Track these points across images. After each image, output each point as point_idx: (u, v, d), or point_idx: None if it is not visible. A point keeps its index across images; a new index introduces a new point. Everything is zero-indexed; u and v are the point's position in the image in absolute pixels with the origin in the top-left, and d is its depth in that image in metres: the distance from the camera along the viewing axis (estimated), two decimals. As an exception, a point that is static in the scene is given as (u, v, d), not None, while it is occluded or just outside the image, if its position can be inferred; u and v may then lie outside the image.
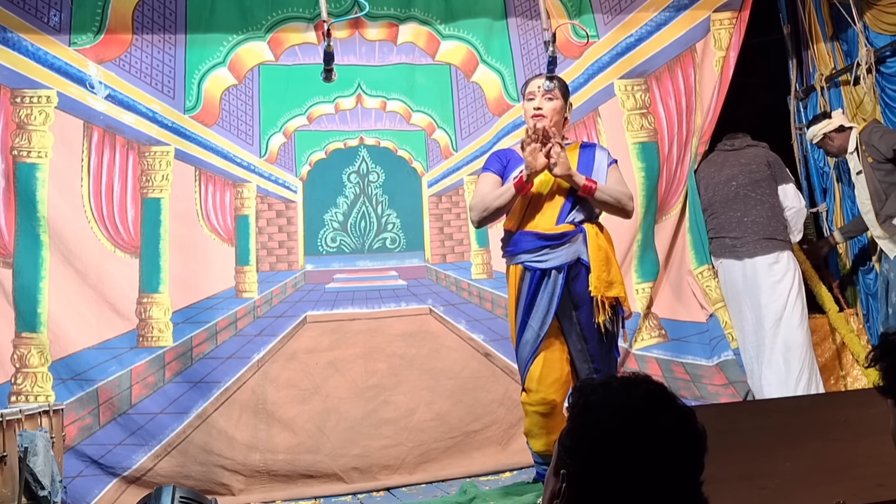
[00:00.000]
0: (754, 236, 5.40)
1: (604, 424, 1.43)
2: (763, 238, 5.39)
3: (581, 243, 3.84)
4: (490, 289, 5.59)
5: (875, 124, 5.52)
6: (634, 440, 1.40)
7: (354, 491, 5.01)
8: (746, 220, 5.44)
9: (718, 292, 5.60)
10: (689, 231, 5.75)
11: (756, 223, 5.42)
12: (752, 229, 5.42)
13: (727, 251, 5.50)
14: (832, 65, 6.15)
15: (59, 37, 5.13)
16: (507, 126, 5.65)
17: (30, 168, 4.99)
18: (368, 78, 5.64)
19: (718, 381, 5.50)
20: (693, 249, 5.73)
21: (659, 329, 5.69)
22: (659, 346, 5.67)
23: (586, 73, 5.83)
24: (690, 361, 5.61)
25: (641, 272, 5.70)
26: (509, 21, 5.82)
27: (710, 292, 5.66)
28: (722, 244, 5.53)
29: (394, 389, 5.26)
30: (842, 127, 5.61)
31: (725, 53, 5.77)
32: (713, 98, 5.76)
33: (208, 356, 5.14)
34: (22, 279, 4.89)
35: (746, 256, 5.40)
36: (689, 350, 5.64)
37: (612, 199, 3.94)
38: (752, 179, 5.49)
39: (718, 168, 5.63)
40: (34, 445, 3.90)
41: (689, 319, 5.69)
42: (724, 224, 5.52)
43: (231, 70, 5.47)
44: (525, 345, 3.86)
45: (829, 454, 2.51)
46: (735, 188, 5.51)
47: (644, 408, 1.43)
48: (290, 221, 5.46)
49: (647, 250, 5.71)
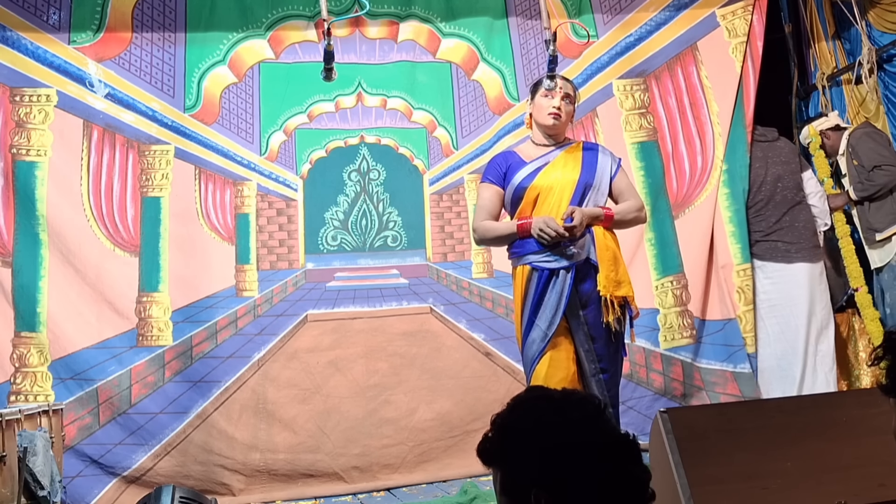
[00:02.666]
0: (807, 243, 5.33)
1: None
2: (813, 246, 5.34)
3: (589, 242, 3.82)
4: (491, 288, 5.58)
5: (866, 128, 5.51)
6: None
7: (355, 491, 5.00)
8: (798, 224, 5.35)
9: (751, 294, 5.45)
10: (730, 222, 5.55)
11: (807, 229, 5.36)
12: (805, 235, 5.34)
13: (780, 255, 5.37)
14: (834, 63, 6.13)
15: (58, 35, 5.13)
16: (507, 125, 5.64)
17: (29, 167, 4.98)
18: (369, 76, 5.64)
19: (731, 391, 5.39)
20: (739, 243, 5.50)
21: (691, 329, 5.57)
22: (687, 348, 5.55)
23: (585, 72, 5.81)
24: (705, 366, 5.49)
25: (662, 268, 5.62)
26: (510, 20, 5.81)
27: (743, 292, 5.49)
28: (774, 248, 5.40)
29: (395, 389, 5.25)
30: (838, 126, 5.62)
31: (746, 38, 5.65)
32: (748, 82, 5.63)
33: (208, 355, 5.13)
34: (21, 278, 4.89)
35: (801, 261, 5.31)
36: (706, 353, 5.54)
37: (628, 217, 3.93)
38: (795, 182, 5.42)
39: (762, 164, 5.51)
40: (33, 445, 3.89)
41: (711, 318, 5.56)
42: (776, 227, 5.41)
43: (231, 68, 5.46)
44: (532, 344, 3.83)
45: (830, 454, 2.50)
46: (781, 190, 5.43)
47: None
48: (290, 220, 5.46)
49: (666, 246, 5.64)
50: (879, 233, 5.35)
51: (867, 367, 5.42)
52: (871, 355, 1.85)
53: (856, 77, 5.82)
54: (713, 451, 2.46)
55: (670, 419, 2.47)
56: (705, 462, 2.41)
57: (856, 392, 4.69)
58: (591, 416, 1.54)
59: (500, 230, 3.88)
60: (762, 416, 2.66)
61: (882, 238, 5.36)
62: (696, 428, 2.51)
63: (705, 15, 5.77)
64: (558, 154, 3.94)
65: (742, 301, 5.47)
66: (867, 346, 5.57)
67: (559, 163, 3.90)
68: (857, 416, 2.59)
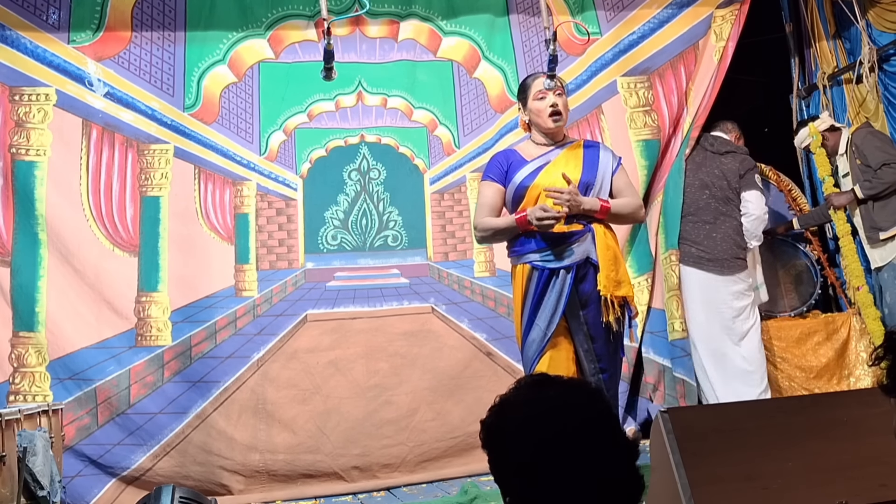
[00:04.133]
0: (723, 255, 5.27)
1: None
2: (731, 258, 5.27)
3: (590, 242, 3.81)
4: (493, 287, 5.57)
5: (868, 129, 5.51)
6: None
7: (355, 490, 4.99)
8: (716, 235, 5.30)
9: (675, 280, 5.42)
10: (662, 214, 5.58)
11: (725, 241, 5.29)
12: (722, 247, 5.28)
13: (692, 260, 5.34)
14: (834, 63, 6.13)
15: (57, 34, 5.12)
16: (509, 123, 5.63)
17: (28, 166, 4.98)
18: (369, 75, 5.63)
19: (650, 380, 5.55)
20: (665, 232, 5.53)
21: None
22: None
23: (589, 70, 5.81)
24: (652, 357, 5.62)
25: (637, 266, 5.65)
26: (511, 17, 5.80)
27: (667, 279, 5.49)
28: (688, 252, 5.37)
29: (395, 389, 5.24)
30: (833, 127, 5.61)
31: (725, 43, 5.66)
32: (710, 85, 5.63)
33: (207, 355, 5.12)
34: (20, 278, 4.88)
35: (712, 272, 5.27)
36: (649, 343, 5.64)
37: (625, 212, 3.93)
38: (724, 195, 5.35)
39: (695, 169, 5.48)
40: (33, 445, 3.88)
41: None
42: (692, 232, 5.37)
43: (231, 68, 5.45)
44: (531, 344, 3.82)
45: (831, 454, 2.48)
46: (707, 198, 5.39)
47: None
48: (290, 219, 5.45)
49: (640, 243, 5.67)
50: (884, 231, 5.34)
51: (868, 367, 5.41)
52: (871, 355, 1.84)
53: (856, 77, 5.82)
54: (714, 451, 2.45)
55: (671, 419, 2.46)
56: (706, 462, 2.39)
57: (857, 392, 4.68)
58: (570, 402, 1.53)
59: (500, 224, 3.89)
60: (763, 416, 2.65)
61: (886, 237, 5.34)
62: (696, 428, 2.50)
63: (706, 14, 5.78)
64: (559, 153, 3.94)
65: (667, 287, 5.51)
66: (868, 347, 5.56)
67: (561, 161, 3.90)
68: (858, 416, 2.57)
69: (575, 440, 1.47)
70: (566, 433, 1.48)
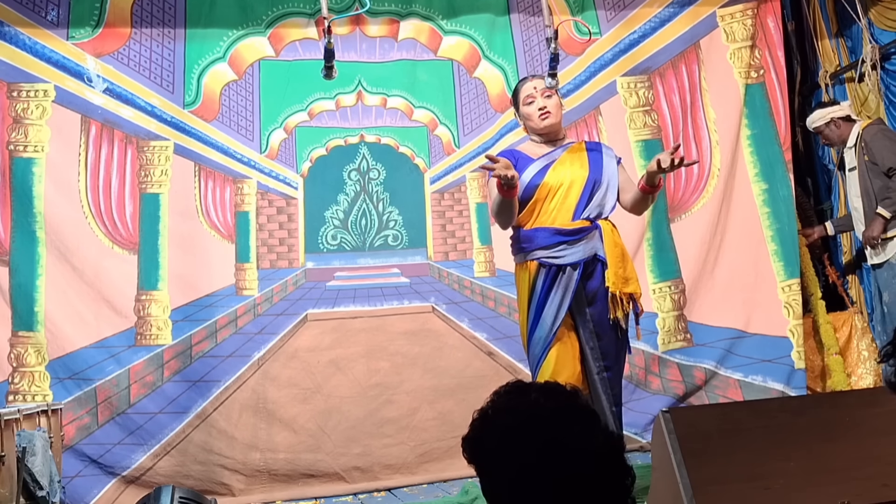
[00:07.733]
0: None
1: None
2: None
3: (597, 239, 3.83)
4: (493, 287, 5.56)
5: (881, 126, 5.49)
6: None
7: (355, 491, 4.98)
8: None
9: (800, 310, 5.51)
10: (772, 241, 5.63)
11: None
12: None
13: None
14: (837, 61, 6.12)
15: (56, 31, 5.10)
16: (509, 123, 5.61)
17: (26, 163, 4.96)
18: (369, 75, 5.62)
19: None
20: (782, 261, 5.60)
21: (685, 332, 5.60)
22: (683, 351, 5.59)
23: (588, 70, 5.79)
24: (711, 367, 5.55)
25: (658, 272, 5.64)
26: (512, 17, 5.78)
27: (791, 308, 5.54)
28: None
29: (396, 388, 5.23)
30: (849, 117, 5.60)
31: (751, 44, 5.69)
32: (775, 98, 5.74)
33: (208, 355, 5.11)
34: (18, 277, 4.86)
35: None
36: (710, 356, 5.56)
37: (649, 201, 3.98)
38: None
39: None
40: (32, 445, 3.87)
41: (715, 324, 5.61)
42: None
43: (231, 65, 5.43)
44: (537, 341, 3.83)
45: (833, 454, 2.48)
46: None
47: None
48: (290, 218, 5.44)
49: (662, 250, 5.66)
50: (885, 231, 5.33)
51: (876, 363, 5.42)
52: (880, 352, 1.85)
53: (858, 75, 5.81)
54: (715, 452, 2.44)
55: (672, 419, 2.46)
56: (708, 462, 2.39)
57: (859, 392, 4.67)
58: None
59: (493, 204, 3.90)
60: (765, 416, 2.65)
61: (885, 237, 5.33)
62: (698, 428, 2.49)
63: (707, 14, 5.77)
64: (562, 153, 3.97)
65: (791, 316, 5.52)
66: (870, 345, 5.56)
67: (566, 160, 3.95)
68: (860, 416, 2.57)
69: (560, 446, 1.45)
70: (549, 440, 1.46)
